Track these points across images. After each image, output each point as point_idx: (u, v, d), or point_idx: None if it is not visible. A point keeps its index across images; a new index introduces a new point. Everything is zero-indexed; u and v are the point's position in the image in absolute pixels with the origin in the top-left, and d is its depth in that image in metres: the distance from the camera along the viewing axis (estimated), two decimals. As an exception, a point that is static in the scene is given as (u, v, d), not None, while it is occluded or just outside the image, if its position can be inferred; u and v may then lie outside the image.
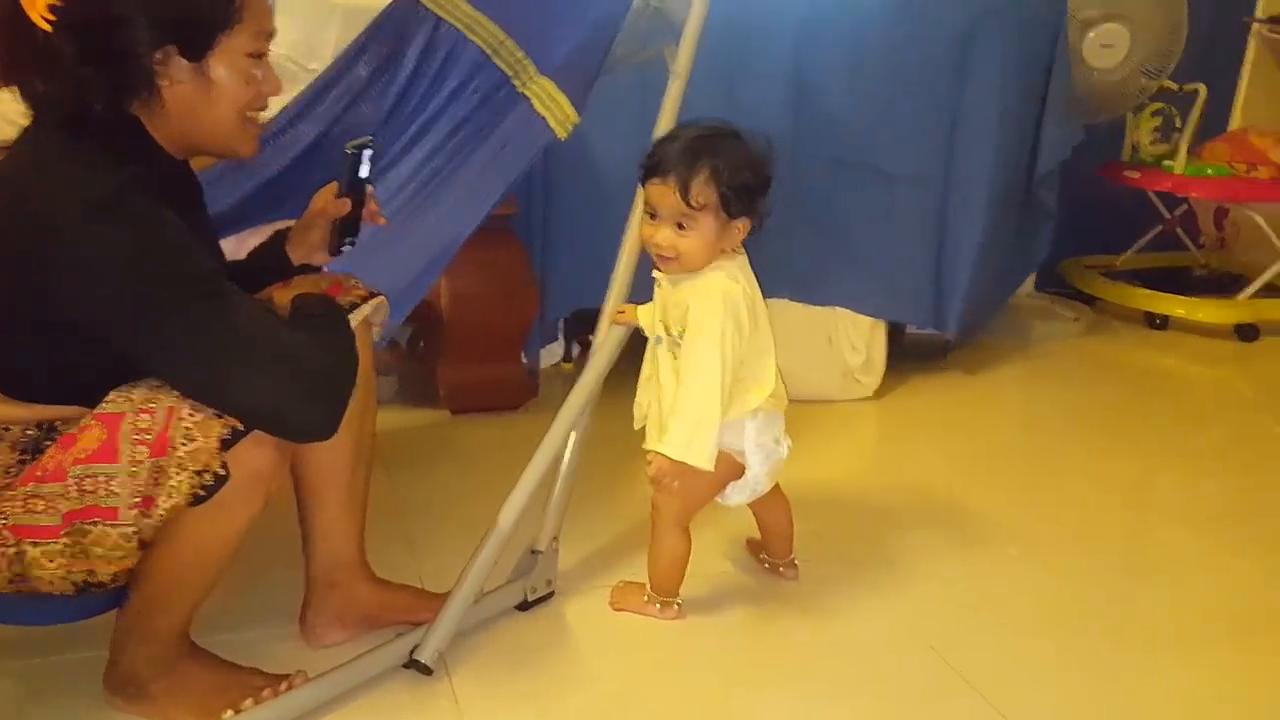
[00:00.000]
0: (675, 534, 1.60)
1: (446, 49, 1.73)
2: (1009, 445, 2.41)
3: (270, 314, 1.25)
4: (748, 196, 1.46)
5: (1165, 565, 1.89)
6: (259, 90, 1.24)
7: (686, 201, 1.42)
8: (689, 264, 1.47)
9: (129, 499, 1.14)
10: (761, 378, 1.54)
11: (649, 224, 1.48)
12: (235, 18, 1.18)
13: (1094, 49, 2.87)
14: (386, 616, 1.51)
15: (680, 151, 1.44)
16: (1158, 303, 3.14)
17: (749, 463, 1.56)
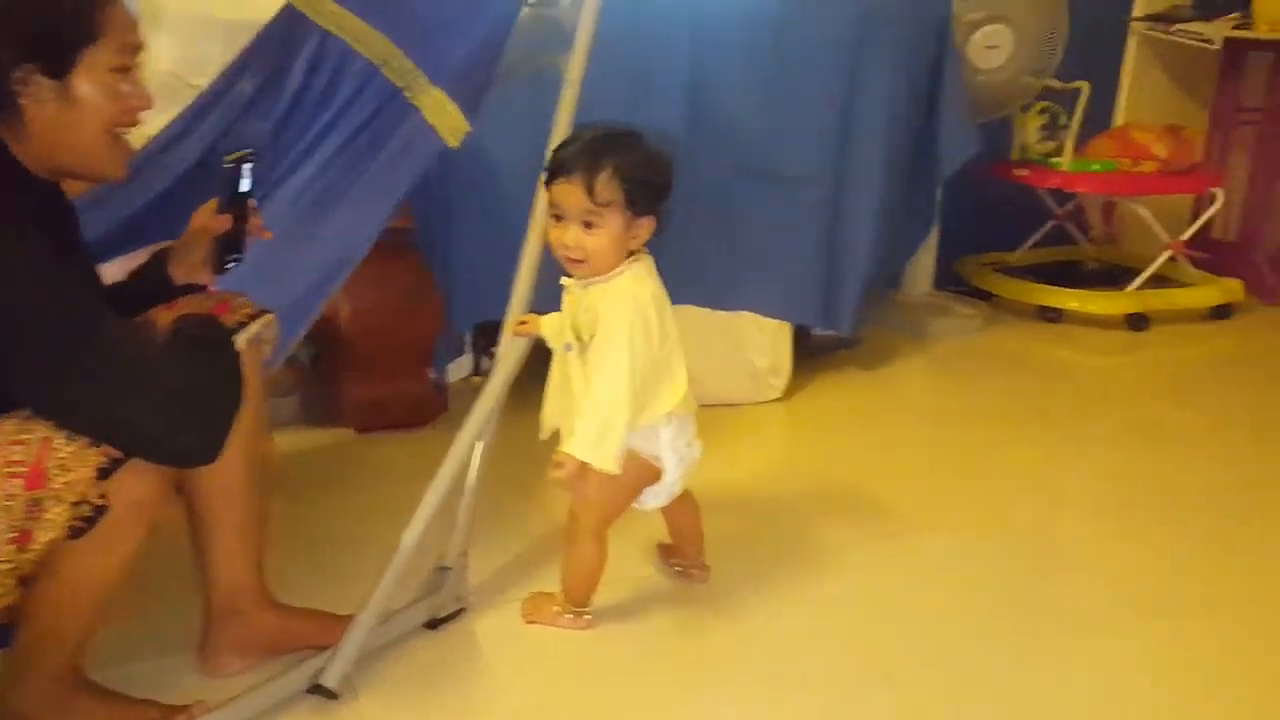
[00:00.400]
0: (592, 543, 1.59)
1: (335, 62, 1.70)
2: (915, 439, 2.46)
3: (143, 337, 1.21)
4: (651, 194, 1.47)
5: (1069, 551, 1.94)
6: (127, 105, 1.20)
7: (592, 198, 1.43)
8: (597, 264, 1.47)
9: (4, 534, 1.10)
10: (674, 380, 1.55)
11: (555, 226, 1.48)
12: (97, 32, 1.14)
13: (979, 50, 2.95)
14: (289, 642, 1.48)
15: (583, 150, 1.45)
16: (1051, 296, 3.23)
17: (665, 466, 1.57)
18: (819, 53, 2.46)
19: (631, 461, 1.54)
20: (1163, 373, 2.96)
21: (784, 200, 2.52)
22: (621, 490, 1.57)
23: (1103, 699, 1.50)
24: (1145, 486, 2.19)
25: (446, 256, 2.36)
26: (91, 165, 1.22)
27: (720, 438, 2.36)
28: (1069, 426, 2.52)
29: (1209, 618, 1.71)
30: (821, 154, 2.52)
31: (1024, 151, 3.27)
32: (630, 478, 1.55)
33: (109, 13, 1.16)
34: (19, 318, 1.09)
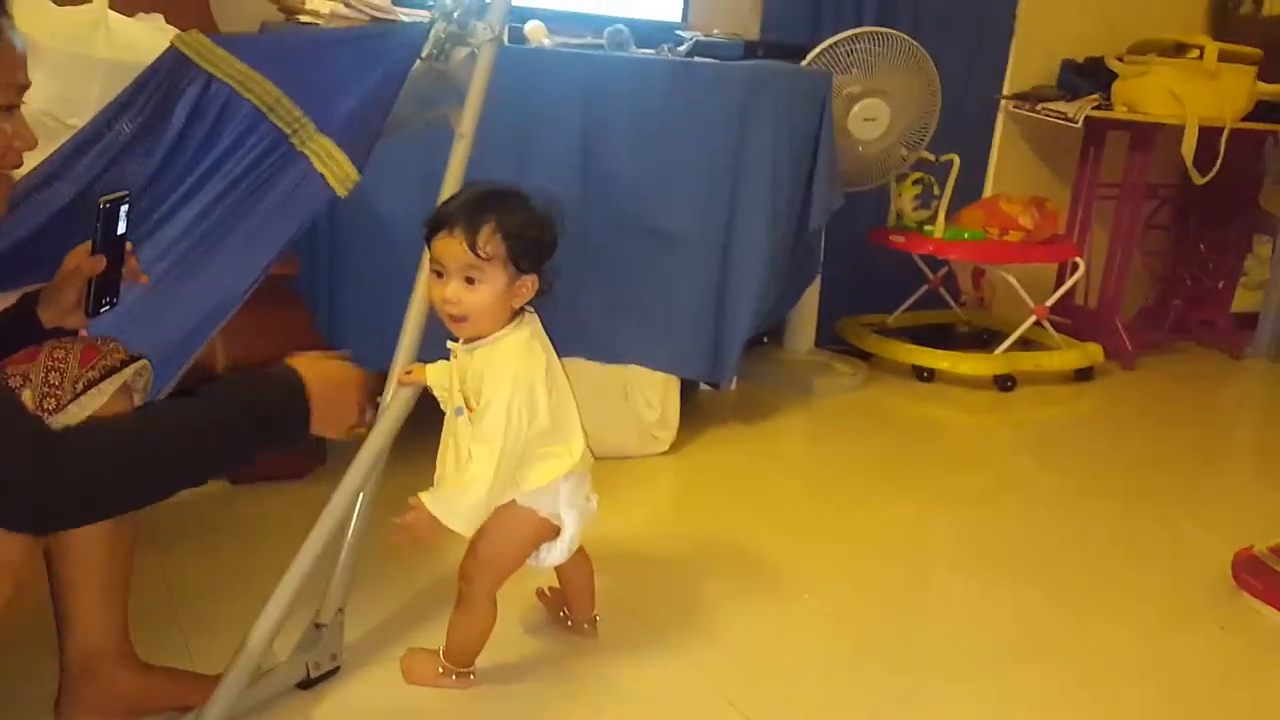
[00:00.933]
0: (485, 603, 1.56)
1: (219, 106, 1.67)
2: (797, 495, 2.51)
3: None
4: (535, 252, 1.46)
5: (941, 603, 2.00)
6: (10, 145, 1.16)
7: (474, 251, 1.41)
8: (479, 323, 1.46)
9: None
10: (570, 441, 1.53)
11: (437, 284, 1.46)
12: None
13: (858, 122, 3.07)
14: (152, 703, 1.41)
15: (466, 205, 1.44)
16: (925, 357, 3.35)
17: (565, 523, 1.55)
18: (706, 119, 2.53)
19: (529, 519, 1.53)
20: (1028, 431, 3.09)
21: (671, 258, 2.57)
22: (518, 548, 1.55)
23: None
24: (1011, 540, 2.28)
25: (332, 306, 2.33)
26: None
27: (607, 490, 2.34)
28: (941, 482, 2.61)
29: (1073, 662, 1.78)
30: (707, 215, 2.58)
31: (900, 219, 3.40)
32: (527, 536, 1.54)
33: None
34: None
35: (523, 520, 1.53)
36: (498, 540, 1.53)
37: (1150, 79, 3.46)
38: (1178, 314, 4.09)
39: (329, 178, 1.60)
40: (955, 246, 3.34)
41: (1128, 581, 2.11)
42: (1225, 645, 1.89)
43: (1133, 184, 3.70)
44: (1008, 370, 3.33)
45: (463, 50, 1.71)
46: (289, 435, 1.24)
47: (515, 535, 1.54)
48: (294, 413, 1.23)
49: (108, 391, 1.30)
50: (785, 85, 2.65)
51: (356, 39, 1.80)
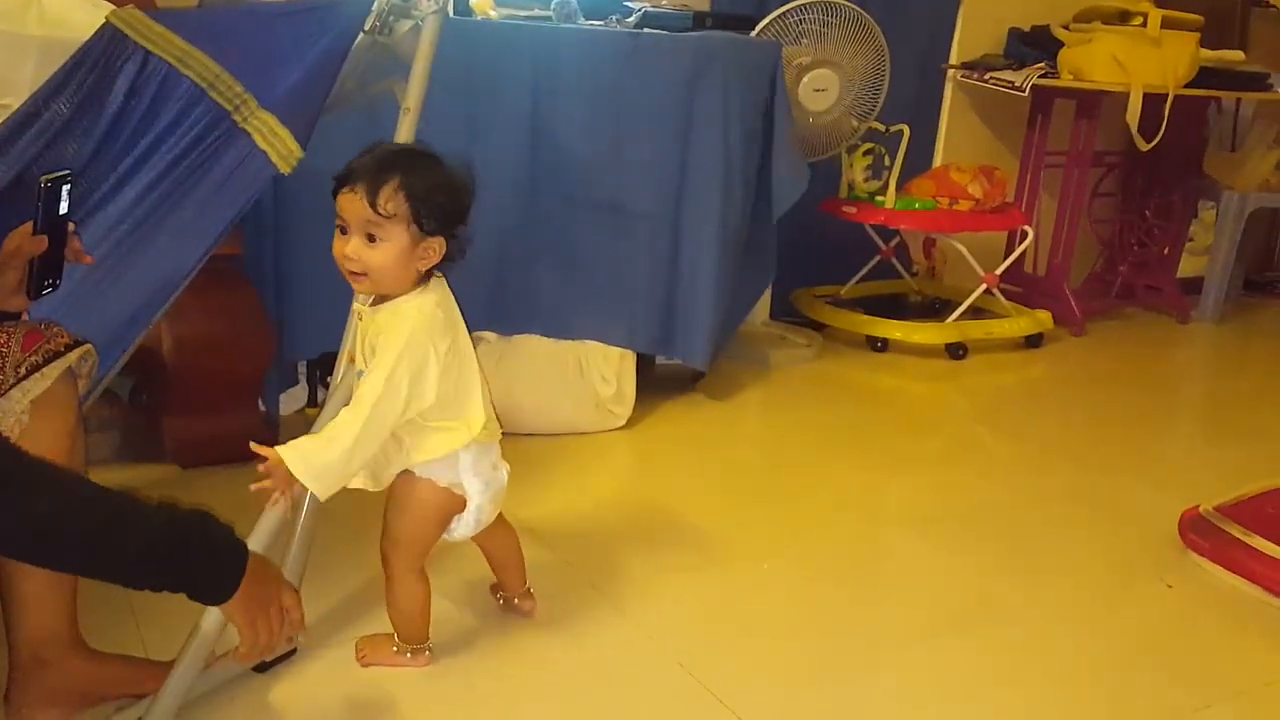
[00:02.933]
0: (410, 579, 1.55)
1: (157, 83, 1.63)
2: (753, 465, 2.52)
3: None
4: (441, 215, 1.41)
5: (894, 566, 2.03)
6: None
7: (374, 208, 1.37)
8: (380, 281, 1.41)
9: None
10: (468, 416, 1.49)
11: (339, 239, 1.41)
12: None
13: (808, 93, 3.07)
14: (104, 690, 1.39)
15: (371, 162, 1.40)
16: (878, 327, 3.38)
17: (469, 493, 1.52)
18: (655, 91, 2.53)
19: (430, 490, 1.50)
20: (980, 398, 3.13)
21: (624, 233, 2.56)
22: (427, 523, 1.53)
23: (929, 707, 1.57)
24: (964, 504, 2.31)
25: (281, 285, 2.30)
26: None
27: (563, 466, 2.38)
28: (894, 449, 2.64)
29: (1024, 623, 1.82)
30: (659, 189, 2.58)
31: (851, 190, 3.42)
32: (432, 508, 1.51)
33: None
34: None
35: (423, 491, 1.50)
36: (403, 515, 1.51)
37: (1095, 47, 3.49)
38: (1125, 280, 4.15)
39: (272, 155, 1.58)
40: (906, 216, 3.36)
41: (1078, 543, 2.15)
42: (1173, 603, 1.93)
43: (1079, 152, 3.74)
44: (959, 339, 3.37)
45: (406, 23, 1.69)
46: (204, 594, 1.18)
47: (420, 508, 1.51)
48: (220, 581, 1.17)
49: (51, 376, 1.27)
50: (735, 56, 2.65)
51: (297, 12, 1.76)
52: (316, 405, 2.53)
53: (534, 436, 2.49)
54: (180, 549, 1.12)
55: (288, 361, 2.41)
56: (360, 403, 1.36)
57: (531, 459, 2.37)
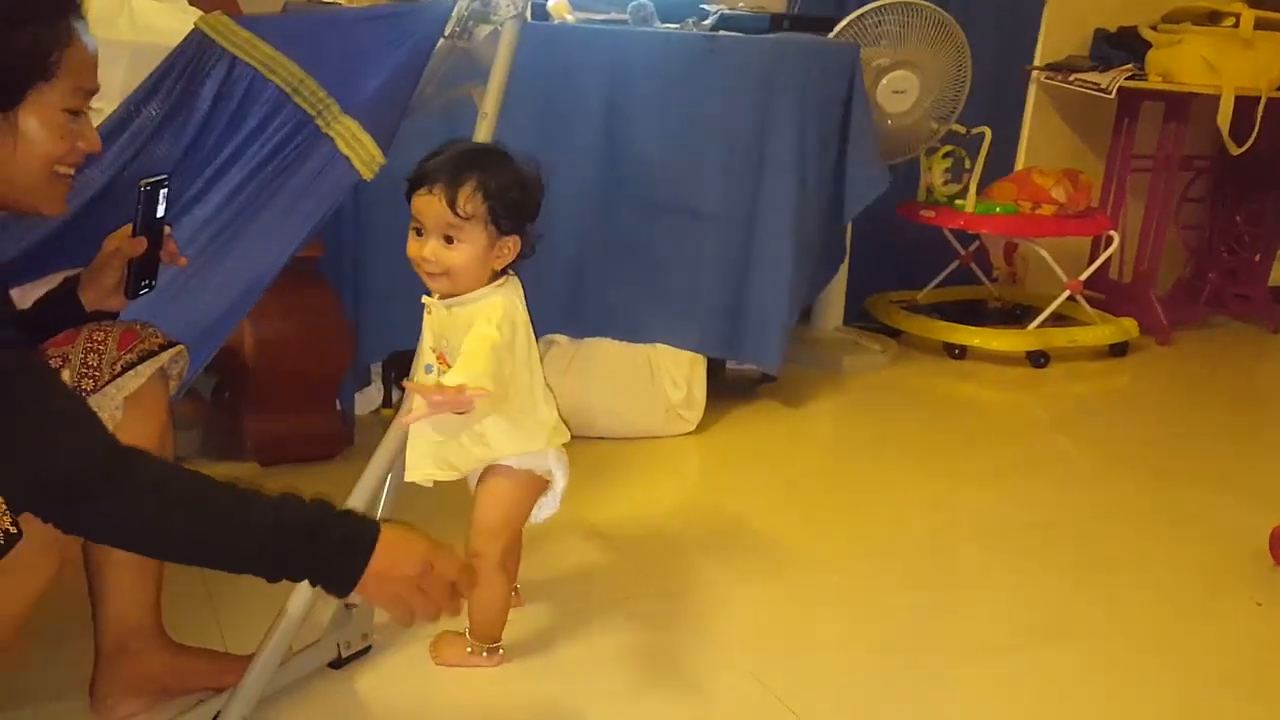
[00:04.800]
0: (499, 573, 1.56)
1: (243, 88, 1.66)
2: (821, 473, 2.49)
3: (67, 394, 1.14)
4: (516, 213, 1.43)
5: (967, 580, 1.98)
6: (73, 146, 1.17)
7: (454, 210, 1.38)
8: (459, 281, 1.43)
9: None
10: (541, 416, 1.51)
11: (415, 240, 1.43)
12: (50, 73, 1.11)
13: (887, 95, 3.03)
14: (185, 683, 1.43)
15: (448, 162, 1.41)
16: (956, 334, 3.32)
17: (555, 477, 1.55)
18: (731, 94, 2.51)
19: (522, 477, 1.53)
20: (1061, 408, 3.06)
21: (697, 236, 2.56)
22: (520, 509, 1.55)
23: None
24: (1042, 517, 2.25)
25: (358, 287, 2.34)
26: (30, 200, 1.17)
27: (633, 470, 2.37)
28: (971, 460, 2.59)
29: (1103, 641, 1.77)
30: (734, 192, 2.56)
31: (930, 194, 3.36)
32: (524, 494, 1.54)
33: (67, 54, 1.12)
34: None
35: (516, 480, 1.52)
36: (496, 504, 1.53)
37: (1185, 48, 3.39)
38: (1214, 288, 4.02)
39: (354, 160, 1.60)
40: (987, 220, 3.30)
41: (1161, 559, 2.08)
42: (1261, 621, 1.87)
43: (1167, 156, 3.64)
44: (1040, 346, 3.29)
45: (486, 27, 1.70)
46: (331, 584, 1.15)
47: (512, 496, 1.53)
48: (346, 567, 1.14)
49: (144, 374, 1.31)
50: (812, 58, 2.62)
51: (379, 17, 1.78)
52: (391, 406, 2.57)
53: (604, 440, 2.50)
54: (294, 542, 1.12)
55: (362, 362, 2.45)
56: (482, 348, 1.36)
57: (601, 462, 2.38)
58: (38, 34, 1.10)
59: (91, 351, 1.30)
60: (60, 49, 1.12)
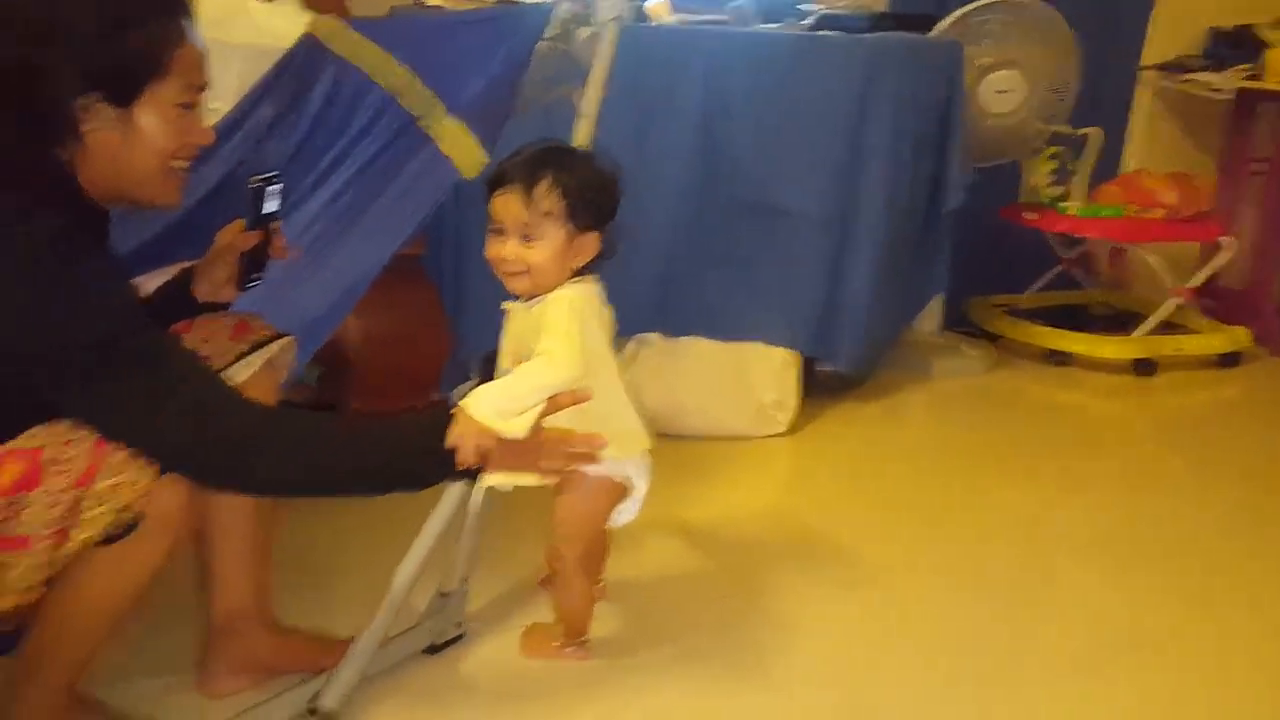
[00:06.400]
0: (581, 575, 1.58)
1: (352, 89, 1.72)
2: (918, 479, 2.46)
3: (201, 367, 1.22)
4: (595, 210, 1.42)
5: (1062, 593, 1.93)
6: (186, 140, 1.22)
7: (531, 208, 1.38)
8: (539, 280, 1.41)
9: (43, 529, 1.10)
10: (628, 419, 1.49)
11: (494, 242, 1.42)
12: (165, 69, 1.16)
13: (990, 95, 2.97)
14: (288, 664, 1.48)
15: (523, 162, 1.41)
16: (1059, 340, 3.24)
17: (636, 484, 1.54)
18: (830, 93, 2.50)
19: (604, 485, 1.52)
20: (1167, 418, 2.96)
21: (791, 235, 2.55)
22: (599, 516, 1.55)
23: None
24: (1139, 531, 2.19)
25: (457, 284, 2.39)
26: (146, 194, 1.23)
27: (723, 470, 2.38)
28: (1069, 469, 2.52)
29: (1198, 659, 1.71)
30: (828, 192, 2.54)
31: (1033, 195, 3.29)
32: (605, 501, 1.53)
33: (180, 51, 1.17)
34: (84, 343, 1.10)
35: (594, 486, 1.51)
36: (574, 511, 1.53)
37: (1307, 47, 3.25)
38: (1334, 296, 3.85)
39: (456, 161, 1.64)
40: (1093, 224, 3.21)
41: (1262, 576, 2.00)
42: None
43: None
44: (1147, 354, 3.19)
45: (586, 30, 1.72)
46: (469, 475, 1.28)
47: (590, 502, 1.53)
48: None
49: (255, 365, 1.37)
50: (913, 57, 2.59)
51: (483, 20, 1.83)
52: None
53: (693, 439, 2.51)
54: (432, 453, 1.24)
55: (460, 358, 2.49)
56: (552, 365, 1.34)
57: (691, 462, 2.39)
58: (152, 34, 1.15)
59: (205, 342, 1.36)
60: (173, 48, 1.17)
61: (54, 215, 1.12)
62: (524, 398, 1.31)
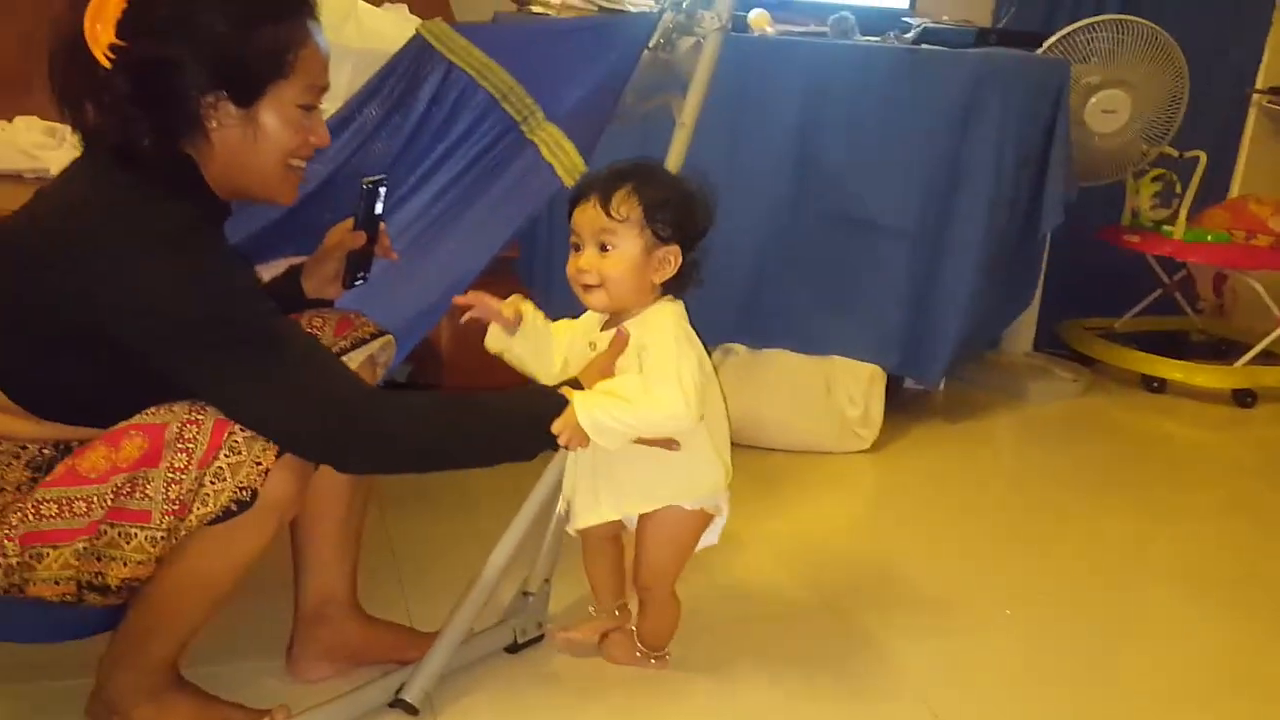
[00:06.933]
0: (671, 602, 1.58)
1: (457, 92, 1.75)
2: (1003, 503, 2.41)
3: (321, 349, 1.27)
4: (676, 224, 1.37)
5: (1154, 626, 1.88)
6: (306, 140, 1.25)
7: (607, 213, 1.34)
8: (616, 293, 1.37)
9: (164, 504, 1.14)
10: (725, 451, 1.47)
11: (573, 257, 1.39)
12: (288, 70, 1.19)
13: (1095, 114, 2.91)
14: (374, 654, 1.51)
15: (606, 174, 1.39)
16: (1156, 366, 3.15)
17: (722, 510, 1.52)
18: (930, 109, 2.47)
19: (696, 516, 1.49)
20: (1266, 452, 2.86)
21: (883, 250, 2.53)
22: (688, 547, 1.52)
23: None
24: (1235, 565, 2.12)
25: (549, 288, 2.41)
26: (265, 190, 1.26)
27: (805, 485, 2.36)
28: (1165, 500, 2.45)
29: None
30: (924, 208, 2.52)
31: (1135, 218, 3.21)
32: (695, 532, 1.51)
33: (303, 54, 1.20)
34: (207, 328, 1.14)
35: (688, 518, 1.48)
36: (666, 546, 1.50)
37: None
38: None
39: (557, 168, 1.65)
40: (1196, 249, 3.12)
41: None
42: None
43: (1406, 187, 3.35)
44: (1248, 384, 3.09)
45: (689, 39, 1.73)
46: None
47: (684, 536, 1.50)
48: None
49: (356, 360, 1.40)
50: (1018, 74, 2.55)
51: (586, 29, 1.85)
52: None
53: (776, 452, 2.49)
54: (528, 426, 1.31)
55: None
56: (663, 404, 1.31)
57: (773, 475, 2.38)
58: (277, 35, 1.18)
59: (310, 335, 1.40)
60: (296, 48, 1.20)
61: (188, 203, 1.17)
62: (631, 429, 1.32)
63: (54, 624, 1.25)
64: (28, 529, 1.15)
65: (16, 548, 1.15)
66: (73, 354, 1.17)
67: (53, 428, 1.22)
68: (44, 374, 1.19)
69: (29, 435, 1.21)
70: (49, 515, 1.15)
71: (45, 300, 1.15)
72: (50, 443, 1.23)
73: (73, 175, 1.20)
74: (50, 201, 1.19)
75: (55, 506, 1.15)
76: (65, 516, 1.15)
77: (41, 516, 1.15)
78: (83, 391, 1.21)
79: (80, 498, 1.15)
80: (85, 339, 1.15)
